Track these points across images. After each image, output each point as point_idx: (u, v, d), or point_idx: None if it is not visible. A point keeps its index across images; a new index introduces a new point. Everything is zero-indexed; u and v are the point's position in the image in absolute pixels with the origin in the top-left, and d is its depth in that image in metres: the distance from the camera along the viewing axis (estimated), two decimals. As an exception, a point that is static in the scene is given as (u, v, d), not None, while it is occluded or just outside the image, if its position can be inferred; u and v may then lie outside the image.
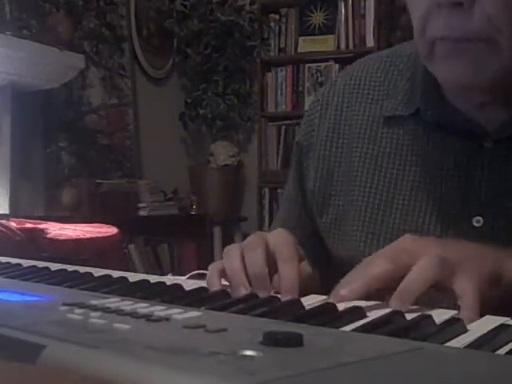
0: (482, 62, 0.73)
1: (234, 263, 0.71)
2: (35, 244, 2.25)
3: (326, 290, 0.67)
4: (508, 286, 0.67)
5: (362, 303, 0.61)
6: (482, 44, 0.73)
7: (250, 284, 0.70)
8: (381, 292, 0.64)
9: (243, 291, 0.68)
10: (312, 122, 0.97)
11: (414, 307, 0.60)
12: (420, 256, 0.63)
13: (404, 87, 0.88)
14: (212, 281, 0.72)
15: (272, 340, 0.40)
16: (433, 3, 0.73)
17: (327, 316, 0.56)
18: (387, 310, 0.59)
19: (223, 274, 0.72)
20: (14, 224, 2.33)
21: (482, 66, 0.74)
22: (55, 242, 2.32)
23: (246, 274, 0.70)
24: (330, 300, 0.63)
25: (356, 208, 0.90)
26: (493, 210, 0.81)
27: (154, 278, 0.78)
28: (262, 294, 0.68)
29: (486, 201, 0.82)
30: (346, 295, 0.62)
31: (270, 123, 4.24)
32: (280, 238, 0.74)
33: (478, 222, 0.82)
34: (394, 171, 0.88)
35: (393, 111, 0.89)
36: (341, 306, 0.60)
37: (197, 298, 0.65)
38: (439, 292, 0.63)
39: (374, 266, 0.64)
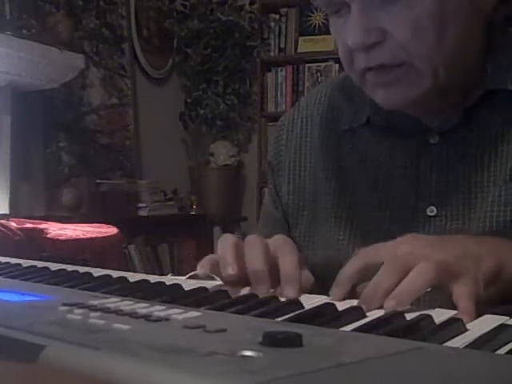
0: (404, 85, 0.81)
1: (227, 246, 0.73)
2: (35, 244, 2.25)
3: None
4: (510, 279, 0.68)
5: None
6: (401, 68, 0.80)
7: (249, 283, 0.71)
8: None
9: (230, 271, 0.70)
10: (280, 142, 1.05)
11: (414, 307, 0.60)
12: (420, 260, 0.63)
13: (357, 101, 0.96)
14: (203, 262, 0.75)
15: (272, 340, 0.40)
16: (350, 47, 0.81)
17: (327, 316, 0.56)
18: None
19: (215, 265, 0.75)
20: (14, 224, 2.33)
21: (406, 89, 0.81)
22: (55, 241, 2.32)
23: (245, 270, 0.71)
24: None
25: (327, 213, 0.96)
26: (444, 199, 0.87)
27: (153, 278, 0.78)
28: (261, 291, 0.68)
29: (436, 190, 0.87)
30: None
31: (270, 123, 4.24)
32: (279, 239, 0.77)
33: (431, 211, 0.87)
34: (353, 177, 0.95)
35: (348, 124, 0.96)
36: (341, 306, 0.60)
37: (197, 298, 0.65)
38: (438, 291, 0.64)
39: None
